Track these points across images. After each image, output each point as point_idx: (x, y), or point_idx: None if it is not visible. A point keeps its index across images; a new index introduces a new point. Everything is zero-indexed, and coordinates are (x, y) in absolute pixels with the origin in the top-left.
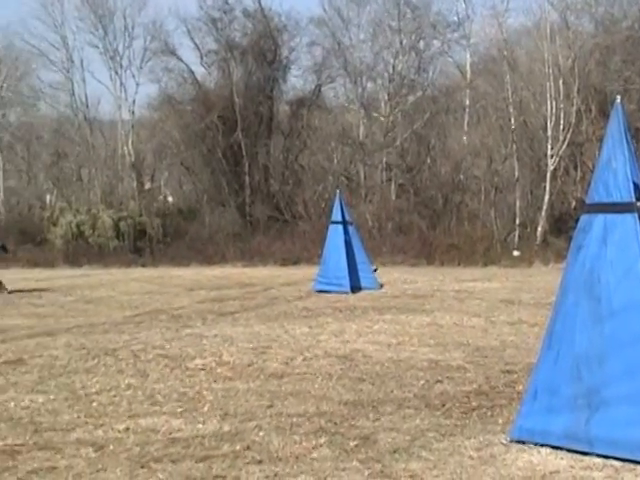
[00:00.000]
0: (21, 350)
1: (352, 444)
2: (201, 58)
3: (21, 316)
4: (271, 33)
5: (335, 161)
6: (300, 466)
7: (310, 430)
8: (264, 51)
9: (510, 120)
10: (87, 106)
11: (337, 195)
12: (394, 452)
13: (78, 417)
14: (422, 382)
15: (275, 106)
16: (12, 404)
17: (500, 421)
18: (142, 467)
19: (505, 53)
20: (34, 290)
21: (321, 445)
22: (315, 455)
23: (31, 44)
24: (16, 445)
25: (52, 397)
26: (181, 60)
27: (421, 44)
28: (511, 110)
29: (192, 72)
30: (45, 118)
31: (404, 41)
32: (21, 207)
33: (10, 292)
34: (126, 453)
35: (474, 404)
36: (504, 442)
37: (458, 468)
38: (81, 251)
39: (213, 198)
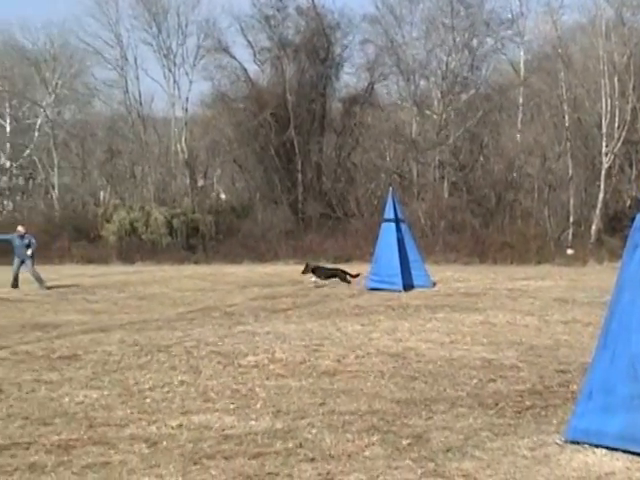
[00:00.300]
0: (75, 346)
1: (405, 442)
2: (254, 56)
3: (75, 312)
4: (324, 31)
5: (387, 159)
6: (352, 464)
7: (362, 428)
8: (317, 49)
9: (564, 118)
10: (141, 103)
11: (389, 193)
12: (447, 451)
13: (132, 413)
14: (475, 381)
15: (328, 104)
16: (67, 399)
17: (554, 421)
18: (195, 464)
19: (559, 50)
20: (71, 286)
21: (373, 443)
22: (367, 453)
23: (86, 42)
24: (71, 440)
25: (106, 393)
26: (234, 58)
27: (474, 42)
28: (565, 108)
29: (245, 70)
30: (99, 115)
31: (457, 39)
32: (75, 204)
33: (49, 288)
34: (179, 449)
35: (528, 403)
36: (558, 442)
37: (512, 468)
38: (134, 248)
39: (265, 195)
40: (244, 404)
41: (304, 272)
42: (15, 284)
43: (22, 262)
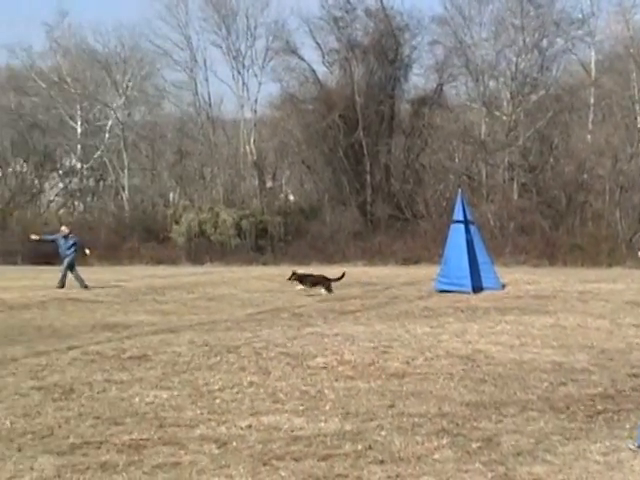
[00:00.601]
0: (145, 346)
1: (474, 446)
2: (323, 57)
3: (145, 313)
4: (393, 32)
5: (456, 160)
6: (422, 467)
7: (432, 431)
8: (385, 50)
9: (636, 119)
10: (210, 105)
11: (459, 194)
12: (518, 455)
13: (201, 413)
14: (546, 384)
15: (396, 105)
16: (137, 399)
17: (627, 426)
18: (264, 465)
19: (631, 50)
20: (115, 287)
21: (443, 446)
22: (437, 456)
23: (156, 44)
24: (141, 440)
25: (176, 393)
26: (303, 59)
27: (544, 42)
28: (637, 108)
29: (314, 71)
30: (169, 117)
31: (527, 39)
32: (145, 205)
33: (86, 287)
34: (249, 450)
35: (599, 408)
36: (632, 448)
37: (584, 473)
38: (203, 249)
39: (334, 197)
40: (313, 405)
41: (289, 279)
42: (62, 284)
43: (72, 262)
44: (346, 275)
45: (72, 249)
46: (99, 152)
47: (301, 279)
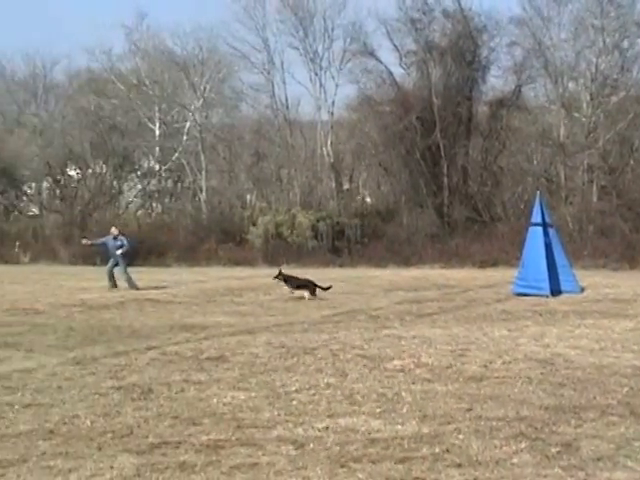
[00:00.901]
0: (223, 347)
1: (554, 450)
2: (400, 59)
3: (223, 314)
4: (471, 33)
5: (535, 162)
6: (500, 471)
7: (510, 435)
8: (463, 51)
9: None
10: (287, 107)
11: (537, 197)
12: (598, 460)
13: (278, 415)
14: (626, 389)
15: (474, 107)
16: (215, 400)
17: None
18: (342, 466)
19: None
20: (160, 287)
21: (521, 450)
22: (515, 460)
23: (233, 47)
24: (219, 440)
25: (253, 394)
26: (380, 61)
27: (625, 43)
28: None
29: (391, 73)
30: (246, 119)
31: (607, 40)
32: (223, 207)
33: (138, 289)
34: (326, 452)
35: None
36: None
37: None
38: (280, 251)
39: (411, 199)
40: (390, 408)
41: (275, 277)
42: (113, 284)
43: (116, 263)
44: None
45: (121, 250)
46: (177, 154)
47: (286, 279)
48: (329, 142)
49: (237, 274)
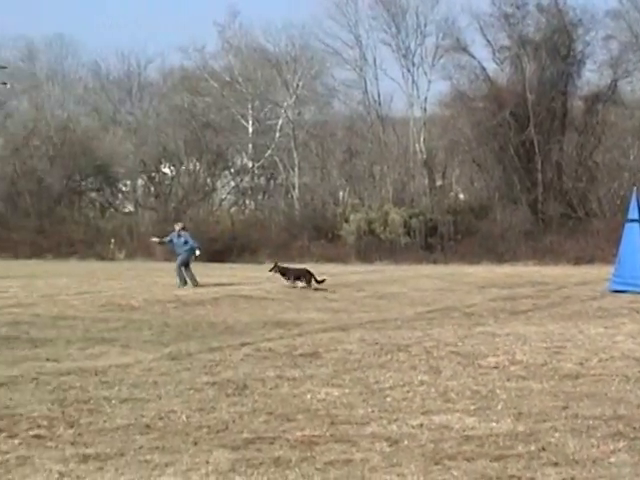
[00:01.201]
0: (316, 344)
1: None
2: (493, 54)
3: (316, 310)
4: (565, 27)
5: (631, 157)
6: (597, 470)
7: (607, 433)
8: (558, 46)
9: None
10: (379, 104)
11: (633, 192)
12: None
13: (372, 411)
14: None
15: (569, 102)
16: (309, 396)
17: None
18: (436, 464)
19: None
20: (253, 284)
21: (619, 450)
22: (613, 460)
23: (326, 43)
24: (313, 436)
25: (347, 391)
26: (473, 57)
27: None
28: None
29: (484, 69)
30: (338, 116)
31: None
32: (315, 203)
33: (196, 285)
34: (420, 449)
35: None
36: None
37: None
38: (372, 247)
39: (504, 195)
40: (485, 405)
41: (271, 270)
42: (195, 282)
43: (186, 259)
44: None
45: (185, 246)
46: (270, 151)
47: (283, 272)
48: (422, 138)
49: (329, 270)
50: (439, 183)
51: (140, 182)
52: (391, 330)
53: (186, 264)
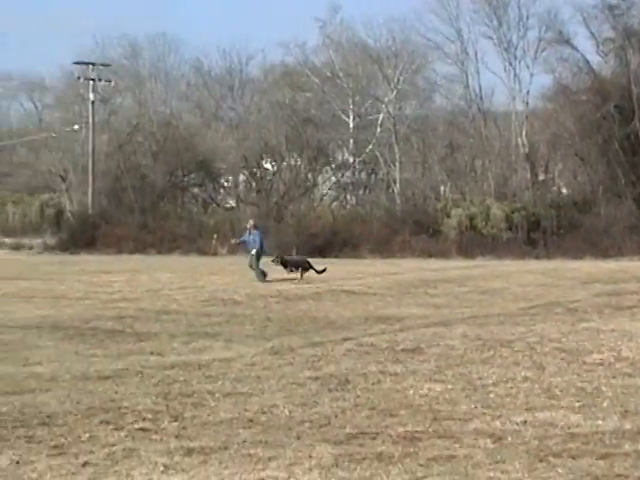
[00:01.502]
0: (418, 339)
1: None
2: (597, 46)
3: (417, 305)
4: None
5: None
6: None
7: None
8: None
9: None
10: (481, 98)
11: None
12: None
13: (475, 407)
14: None
15: None
16: (411, 392)
17: None
18: (541, 461)
19: None
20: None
21: None
22: None
23: (427, 38)
24: (416, 432)
25: (449, 386)
26: (576, 49)
27: None
28: None
29: (587, 61)
30: (440, 110)
31: None
32: (416, 198)
33: (261, 280)
34: (524, 446)
35: None
36: None
37: None
38: (474, 242)
39: (609, 189)
40: (590, 402)
41: (273, 261)
42: (263, 277)
43: (258, 255)
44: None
45: (255, 244)
46: (371, 146)
47: (284, 263)
48: (524, 132)
49: (431, 266)
50: (541, 177)
51: (242, 177)
52: (494, 326)
53: (258, 258)
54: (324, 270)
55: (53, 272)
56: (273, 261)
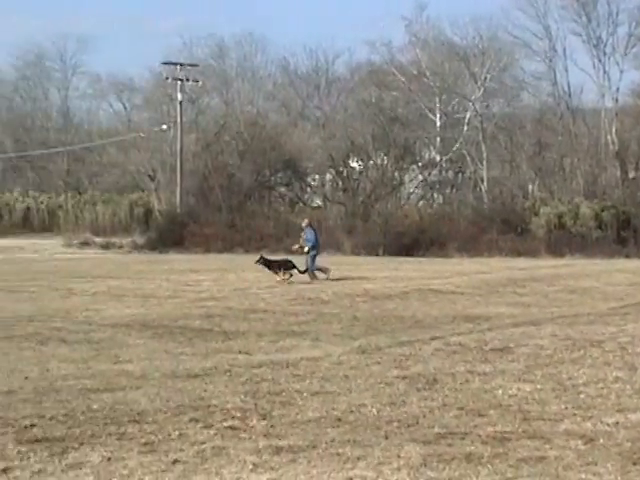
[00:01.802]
0: (507, 338)
1: None
2: None
3: (506, 305)
4: None
5: None
6: None
7: None
8: None
9: None
10: (569, 95)
11: None
12: None
13: (566, 408)
14: None
15: None
16: (500, 391)
17: None
18: (634, 464)
19: None
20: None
21: None
22: None
23: (514, 35)
24: (505, 432)
25: (539, 386)
26: None
27: None
28: None
29: None
30: (527, 108)
31: None
32: (504, 197)
33: (313, 279)
34: (616, 448)
35: None
36: None
37: None
38: (563, 241)
39: None
40: None
41: (256, 262)
42: (313, 276)
43: (314, 254)
44: None
45: (308, 243)
46: (458, 144)
47: (269, 265)
48: (614, 129)
49: (519, 265)
50: (632, 175)
51: (328, 176)
52: (583, 325)
53: (313, 258)
54: (306, 270)
55: (142, 271)
56: (256, 262)
